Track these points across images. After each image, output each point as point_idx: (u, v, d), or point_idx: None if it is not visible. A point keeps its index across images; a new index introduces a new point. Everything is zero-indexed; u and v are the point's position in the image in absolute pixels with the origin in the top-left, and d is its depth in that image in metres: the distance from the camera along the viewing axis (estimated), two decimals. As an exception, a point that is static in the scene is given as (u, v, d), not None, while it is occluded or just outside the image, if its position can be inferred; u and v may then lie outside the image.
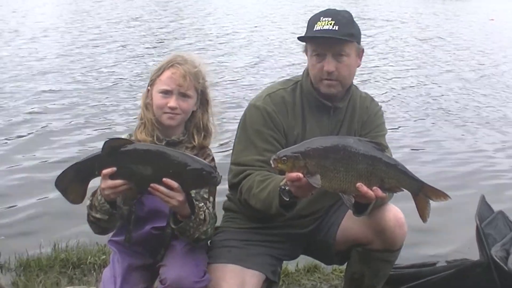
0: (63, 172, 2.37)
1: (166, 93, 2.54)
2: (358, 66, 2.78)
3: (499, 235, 3.49)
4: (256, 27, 20.16)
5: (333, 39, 2.59)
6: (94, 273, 3.60)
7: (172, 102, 2.52)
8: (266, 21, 22.48)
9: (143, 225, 2.57)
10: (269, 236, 2.81)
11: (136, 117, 2.79)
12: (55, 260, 3.71)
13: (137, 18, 20.14)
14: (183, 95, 2.55)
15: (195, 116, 2.64)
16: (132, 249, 2.61)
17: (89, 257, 3.73)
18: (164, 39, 15.58)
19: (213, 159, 2.64)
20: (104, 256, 3.69)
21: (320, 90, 2.71)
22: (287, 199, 2.37)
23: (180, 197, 2.29)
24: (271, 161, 2.24)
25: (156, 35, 16.35)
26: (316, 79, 2.70)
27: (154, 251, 2.60)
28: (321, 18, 2.65)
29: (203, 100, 2.66)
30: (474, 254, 3.47)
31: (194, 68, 2.58)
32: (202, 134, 2.64)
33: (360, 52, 2.75)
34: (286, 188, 2.35)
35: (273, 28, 20.36)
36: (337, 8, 2.79)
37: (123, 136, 2.61)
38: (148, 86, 2.64)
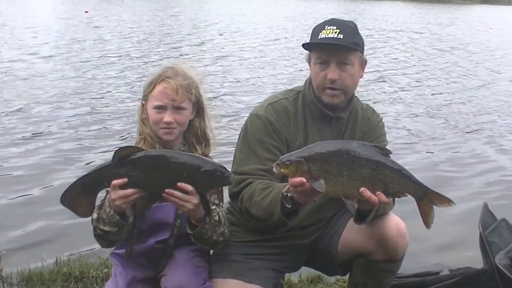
0: (69, 187, 2.33)
1: (160, 108, 2.51)
2: (361, 77, 2.77)
3: (503, 242, 3.48)
4: (258, 39, 20.34)
5: (338, 47, 2.59)
6: (97, 287, 3.58)
7: (167, 117, 2.50)
8: (269, 33, 22.68)
9: (146, 239, 2.56)
10: (270, 249, 2.79)
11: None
12: (57, 274, 3.69)
13: (142, 32, 20.31)
14: (177, 108, 2.52)
15: (192, 125, 2.63)
16: (135, 262, 2.60)
17: (92, 270, 3.71)
18: (169, 51, 15.68)
19: None
20: (106, 270, 3.68)
21: (323, 99, 2.69)
22: (289, 206, 2.36)
23: (195, 200, 2.26)
24: (273, 166, 2.21)
25: (162, 47, 16.48)
26: (319, 88, 2.69)
27: (157, 264, 2.59)
28: (326, 26, 2.64)
29: (199, 109, 2.64)
30: (477, 262, 3.46)
31: (185, 80, 2.54)
32: (203, 144, 2.63)
33: (363, 63, 2.74)
34: (288, 194, 2.33)
35: (276, 38, 20.56)
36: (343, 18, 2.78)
37: None
38: (142, 100, 2.61)
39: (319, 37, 2.63)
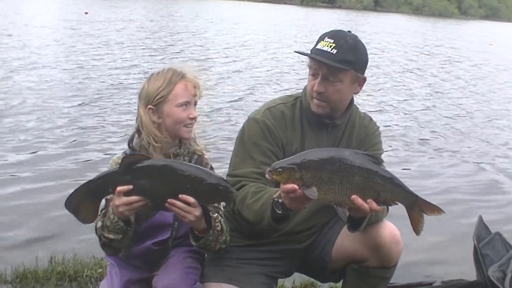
0: (74, 191, 2.32)
1: (187, 105, 2.54)
2: (356, 93, 2.75)
3: (496, 256, 3.50)
4: (265, 48, 20.42)
5: (325, 64, 2.59)
6: (91, 286, 3.59)
7: (194, 112, 2.56)
8: (271, 40, 22.76)
9: (144, 240, 2.57)
10: (264, 254, 2.80)
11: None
12: (51, 272, 3.69)
13: (142, 34, 20.33)
14: (195, 104, 2.59)
15: None
16: (132, 263, 2.61)
17: (86, 270, 3.72)
18: (171, 53, 15.72)
19: (212, 168, 2.64)
20: (100, 270, 3.69)
21: (310, 107, 2.72)
22: (280, 212, 2.37)
23: (197, 212, 2.26)
24: (266, 172, 2.22)
25: (163, 50, 16.55)
26: (309, 96, 2.72)
27: (153, 265, 2.60)
28: (325, 38, 2.65)
29: None
30: (470, 275, 3.47)
31: (197, 78, 2.62)
32: (195, 142, 2.67)
33: (360, 80, 2.71)
34: (279, 200, 2.35)
35: (278, 46, 20.66)
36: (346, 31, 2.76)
37: (120, 154, 2.58)
38: (149, 106, 2.54)
39: (316, 47, 2.64)
